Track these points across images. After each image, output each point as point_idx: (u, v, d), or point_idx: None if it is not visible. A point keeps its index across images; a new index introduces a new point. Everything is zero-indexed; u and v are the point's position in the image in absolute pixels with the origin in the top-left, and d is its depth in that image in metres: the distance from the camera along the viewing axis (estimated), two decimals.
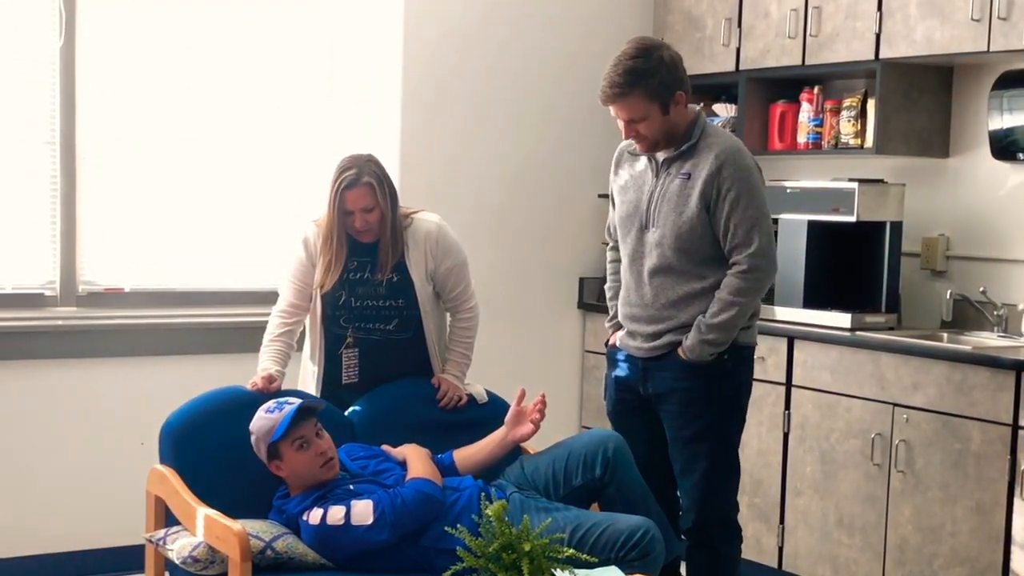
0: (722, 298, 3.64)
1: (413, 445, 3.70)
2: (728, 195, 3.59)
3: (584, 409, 5.73)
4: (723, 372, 3.71)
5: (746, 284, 3.63)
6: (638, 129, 3.65)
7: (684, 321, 3.70)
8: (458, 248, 3.98)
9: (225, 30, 4.98)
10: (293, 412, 3.42)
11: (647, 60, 3.60)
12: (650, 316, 3.76)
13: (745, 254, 3.61)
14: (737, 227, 3.61)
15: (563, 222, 5.66)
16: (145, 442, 3.98)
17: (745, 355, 3.78)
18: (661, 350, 3.75)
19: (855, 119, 4.91)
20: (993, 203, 4.73)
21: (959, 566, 4.19)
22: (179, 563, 3.34)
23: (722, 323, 3.63)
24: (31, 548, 4.65)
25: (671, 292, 3.71)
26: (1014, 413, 4.03)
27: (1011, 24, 4.27)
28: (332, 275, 3.84)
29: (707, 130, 3.71)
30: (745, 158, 3.66)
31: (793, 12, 5.00)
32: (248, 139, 5.06)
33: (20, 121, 4.66)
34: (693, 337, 3.66)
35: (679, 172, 3.68)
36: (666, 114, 3.63)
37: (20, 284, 4.69)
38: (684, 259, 3.68)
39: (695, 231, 3.64)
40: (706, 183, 3.61)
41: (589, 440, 3.74)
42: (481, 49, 5.40)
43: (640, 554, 3.38)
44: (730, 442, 3.81)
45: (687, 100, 3.68)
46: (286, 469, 3.45)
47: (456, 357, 4.04)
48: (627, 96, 3.60)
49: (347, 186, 3.77)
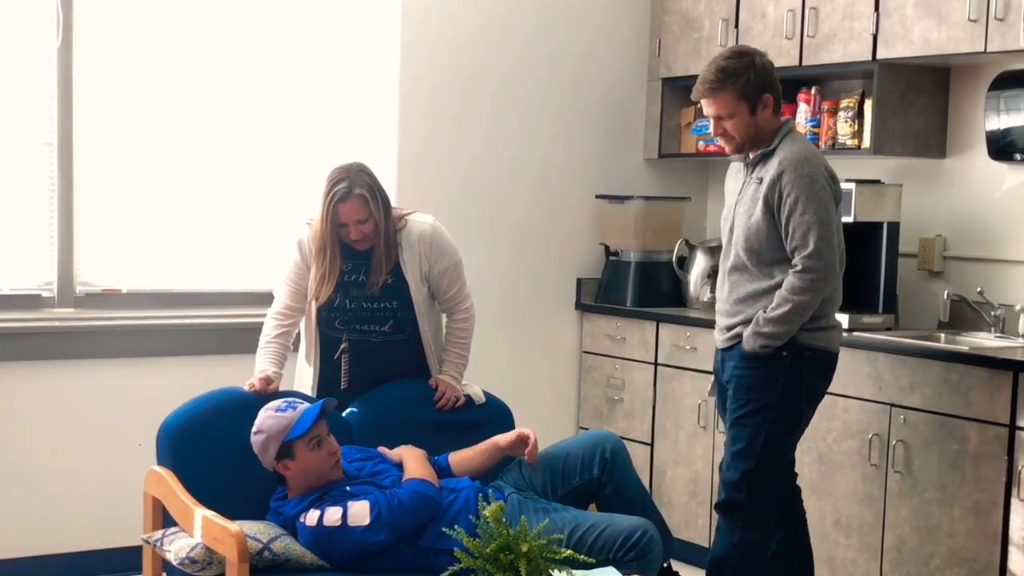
0: (780, 295, 3.79)
1: (409, 446, 3.70)
2: (788, 199, 3.75)
3: (581, 410, 5.73)
4: (780, 367, 3.82)
5: (800, 283, 3.75)
6: (725, 127, 3.85)
7: (750, 316, 3.86)
8: (452, 249, 3.98)
9: (222, 32, 4.98)
10: (317, 409, 3.43)
11: (739, 61, 3.83)
12: (725, 311, 3.96)
13: (802, 255, 3.76)
14: (795, 230, 3.76)
15: (561, 223, 5.66)
16: (143, 443, 3.98)
17: (809, 357, 3.85)
18: (730, 341, 3.92)
19: (852, 120, 4.92)
20: (990, 204, 4.73)
21: (956, 567, 4.19)
22: (176, 564, 3.34)
23: (775, 317, 3.77)
24: (28, 549, 4.64)
25: (741, 289, 3.89)
26: (1011, 413, 4.03)
27: (1008, 25, 4.27)
28: (327, 288, 3.84)
29: (788, 138, 3.87)
30: (809, 166, 3.79)
31: (790, 13, 5.01)
32: (245, 140, 5.06)
33: (17, 122, 4.66)
34: (750, 329, 3.82)
35: (756, 176, 3.86)
36: (753, 115, 3.84)
37: (17, 285, 4.69)
38: (753, 259, 3.85)
39: (760, 233, 3.81)
40: (769, 187, 3.79)
41: (587, 441, 3.76)
42: (478, 50, 5.40)
43: (638, 555, 3.39)
44: (770, 435, 3.86)
45: (775, 107, 3.86)
46: (295, 468, 3.45)
47: (453, 358, 4.04)
48: (717, 92, 3.81)
49: (340, 199, 3.76)
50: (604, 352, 5.58)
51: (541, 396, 5.60)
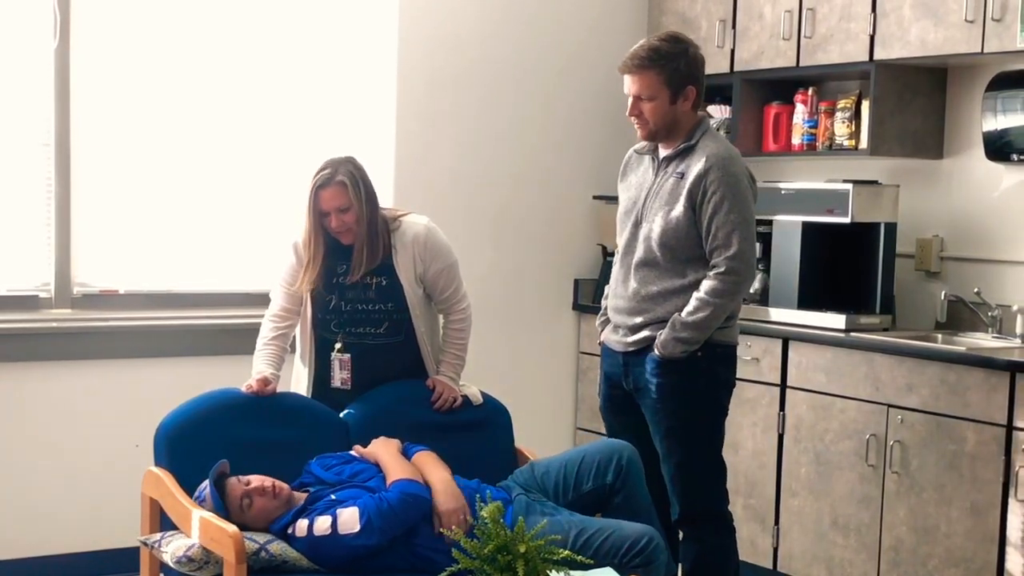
0: (699, 297, 3.70)
1: (382, 440, 3.66)
2: (713, 197, 3.67)
3: (579, 411, 5.73)
4: (697, 369, 3.76)
5: (722, 286, 3.68)
6: (642, 109, 3.76)
7: (660, 315, 3.77)
8: (447, 250, 3.97)
9: (220, 33, 4.98)
10: (214, 492, 3.37)
11: (673, 46, 3.75)
12: (631, 308, 3.84)
13: (724, 256, 3.68)
14: (719, 229, 3.68)
15: (558, 224, 5.66)
16: (140, 444, 3.98)
17: (720, 353, 3.81)
18: (638, 345, 3.82)
19: (849, 120, 4.92)
20: (987, 204, 4.74)
21: (954, 567, 4.20)
22: (173, 564, 3.33)
23: (696, 322, 3.69)
24: (26, 551, 4.64)
25: (652, 286, 3.80)
26: (1008, 414, 4.03)
27: (1004, 25, 4.27)
28: (309, 275, 3.84)
29: (707, 134, 3.79)
30: (735, 165, 3.73)
31: (787, 14, 5.01)
32: (242, 141, 5.05)
33: (15, 123, 4.65)
34: (667, 333, 3.73)
35: (674, 171, 3.77)
36: (673, 103, 3.74)
37: (15, 286, 4.68)
38: (668, 255, 3.76)
39: (680, 230, 3.72)
40: (694, 184, 3.70)
41: (603, 447, 3.75)
42: (475, 51, 5.40)
43: (644, 561, 3.38)
44: (707, 436, 3.84)
45: (697, 101, 3.78)
46: (256, 524, 3.39)
47: (450, 358, 4.03)
48: (643, 71, 3.73)
49: (321, 185, 3.79)
50: None
51: (538, 397, 5.61)
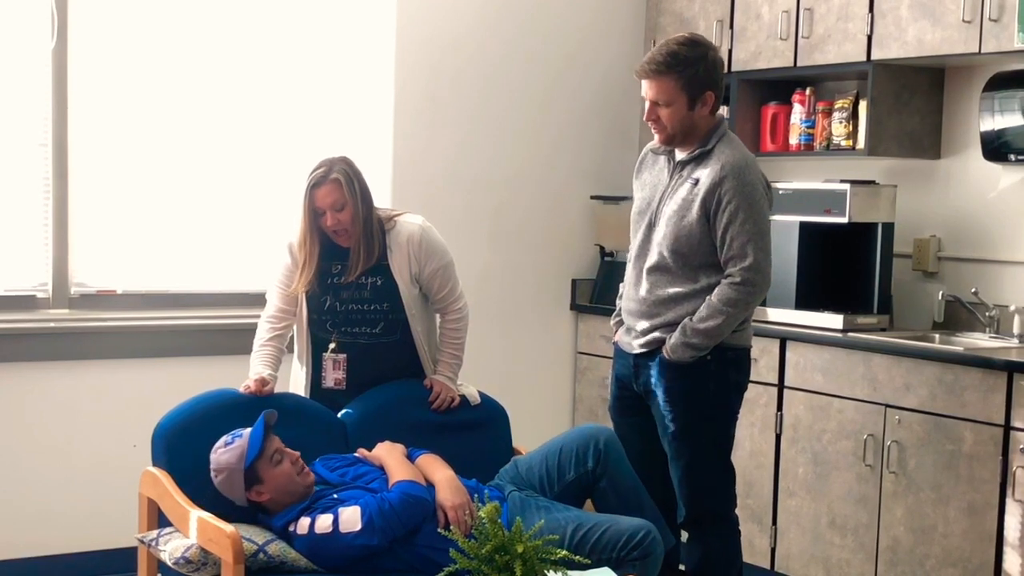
0: (712, 304, 3.67)
1: (387, 444, 3.67)
2: (728, 207, 3.64)
3: (577, 411, 5.73)
4: (707, 372, 3.74)
5: (737, 296, 3.66)
6: (659, 114, 3.70)
7: (670, 319, 3.75)
8: (443, 249, 3.97)
9: (217, 33, 4.97)
10: (261, 426, 3.41)
11: (692, 50, 3.67)
12: (642, 311, 3.82)
13: (740, 267, 3.66)
14: (734, 240, 3.65)
15: (556, 224, 5.67)
16: (138, 444, 3.98)
17: (732, 356, 3.79)
18: (648, 347, 3.80)
19: (847, 120, 4.92)
20: (984, 204, 4.74)
21: (951, 567, 4.20)
22: (171, 564, 3.34)
23: (707, 329, 3.67)
24: (22, 551, 4.63)
25: (663, 290, 3.76)
26: (1006, 414, 4.04)
27: (1002, 26, 4.28)
28: (305, 275, 3.84)
29: (724, 140, 3.74)
30: (750, 173, 3.69)
31: (785, 14, 5.01)
32: (240, 141, 5.05)
33: (13, 123, 4.65)
34: (677, 337, 3.71)
35: (690, 176, 3.73)
36: (691, 109, 3.69)
37: (12, 286, 4.68)
38: (680, 261, 3.73)
39: (693, 236, 3.69)
40: (708, 192, 3.66)
41: (579, 434, 3.75)
42: (473, 52, 5.40)
43: (641, 554, 3.39)
44: (715, 440, 3.83)
45: (715, 105, 3.73)
46: (268, 490, 3.42)
47: (447, 358, 4.03)
48: (661, 76, 3.66)
49: (315, 183, 3.80)
50: (599, 353, 5.58)
51: (536, 397, 5.61)
